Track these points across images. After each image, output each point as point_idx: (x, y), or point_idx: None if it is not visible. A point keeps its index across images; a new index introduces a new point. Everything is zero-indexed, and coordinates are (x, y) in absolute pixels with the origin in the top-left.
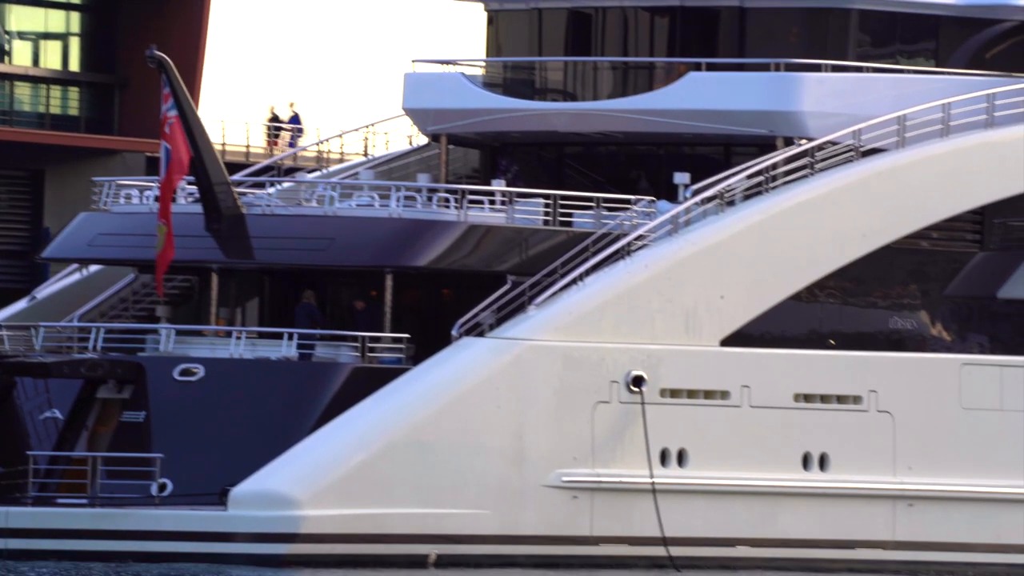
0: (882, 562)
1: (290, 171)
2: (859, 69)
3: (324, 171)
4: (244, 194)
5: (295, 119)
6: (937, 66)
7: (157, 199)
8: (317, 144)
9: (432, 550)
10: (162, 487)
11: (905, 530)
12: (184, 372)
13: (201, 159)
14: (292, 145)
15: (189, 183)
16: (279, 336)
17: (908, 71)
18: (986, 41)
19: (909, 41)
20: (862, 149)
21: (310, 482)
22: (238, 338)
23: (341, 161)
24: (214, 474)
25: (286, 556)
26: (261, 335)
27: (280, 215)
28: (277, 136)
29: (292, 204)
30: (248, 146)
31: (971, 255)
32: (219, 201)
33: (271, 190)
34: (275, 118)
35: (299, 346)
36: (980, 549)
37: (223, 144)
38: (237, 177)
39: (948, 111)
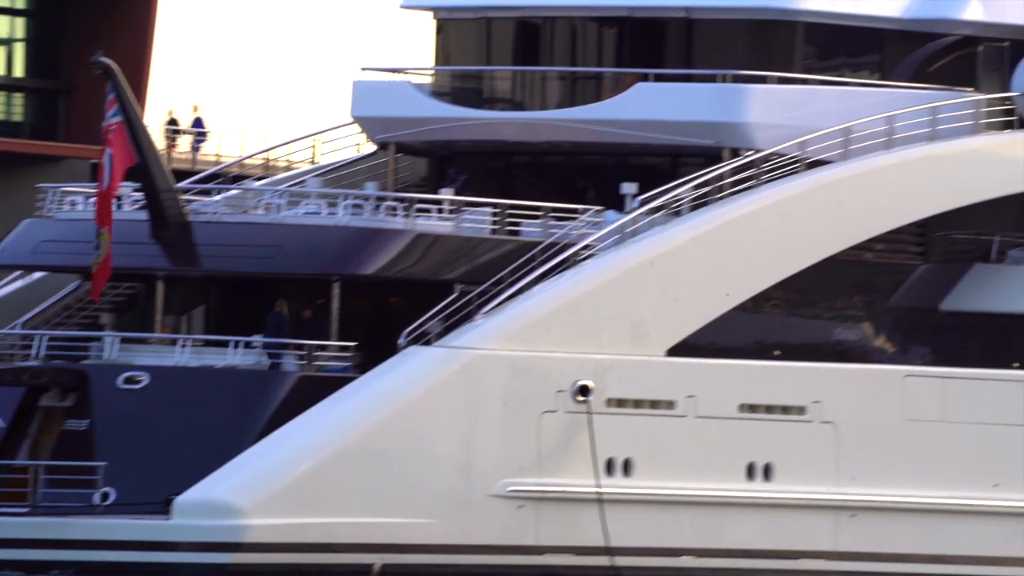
0: (825, 572)
1: (237, 178)
2: (805, 81)
3: (271, 179)
4: (190, 201)
5: (198, 123)
6: (882, 79)
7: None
8: (265, 152)
9: (377, 559)
10: (105, 496)
11: (848, 540)
12: (128, 380)
13: (147, 166)
14: (196, 150)
15: (135, 190)
16: (225, 344)
17: (853, 84)
18: (930, 55)
19: (854, 54)
20: (807, 161)
21: (255, 491)
22: (183, 346)
23: (288, 169)
24: (158, 483)
25: (231, 565)
26: (207, 343)
27: (227, 223)
28: (175, 140)
29: (239, 212)
30: (195, 153)
31: (914, 267)
32: (165, 208)
33: (218, 197)
34: (173, 122)
35: (270, 355)
36: (922, 560)
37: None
38: (183, 184)
39: (892, 124)
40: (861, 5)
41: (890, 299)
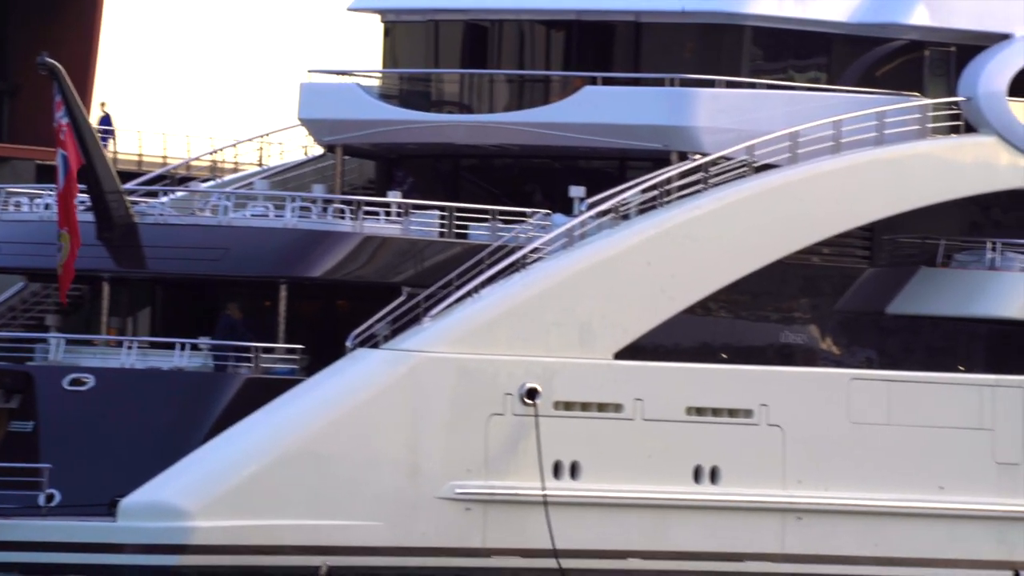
0: (771, 574)
1: (184, 180)
2: (752, 85)
3: (218, 181)
4: (137, 203)
5: (105, 120)
6: (829, 83)
7: (49, 207)
8: (212, 153)
9: (324, 562)
10: (50, 498)
11: (794, 543)
12: (74, 382)
13: (93, 167)
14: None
15: (81, 191)
16: (171, 346)
17: (801, 88)
18: (877, 59)
19: (802, 58)
20: (755, 164)
21: (201, 493)
22: (129, 348)
23: (235, 171)
24: (104, 485)
25: (176, 568)
26: (153, 345)
27: (173, 224)
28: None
29: (186, 213)
30: (141, 155)
31: (861, 271)
32: (111, 210)
33: (164, 199)
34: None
35: (216, 357)
36: (867, 562)
37: (115, 152)
38: (129, 186)
39: (839, 128)
40: (808, 9)
41: (837, 303)
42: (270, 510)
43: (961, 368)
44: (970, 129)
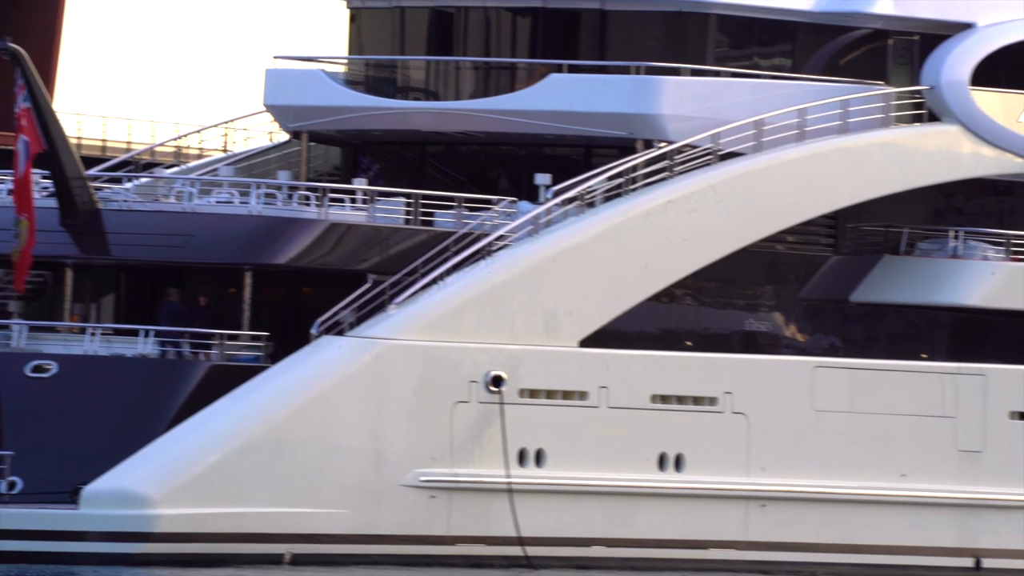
0: (734, 562)
1: (148, 166)
2: (718, 73)
3: (183, 167)
4: (100, 189)
5: None
6: (794, 71)
7: (11, 192)
8: (176, 139)
9: (288, 549)
10: (12, 485)
11: (757, 530)
12: (36, 368)
13: (56, 153)
14: None
15: (44, 177)
16: (135, 333)
17: (765, 76)
18: (841, 48)
19: (767, 45)
20: (720, 153)
21: (165, 480)
22: (93, 335)
23: (200, 157)
24: (66, 472)
25: (139, 555)
26: (117, 332)
27: (137, 211)
28: None
29: (150, 200)
30: (105, 140)
31: (825, 259)
32: (75, 196)
33: (128, 185)
34: None
35: (162, 344)
36: (830, 549)
37: (79, 138)
38: (93, 172)
39: (804, 116)
40: None
41: (801, 290)
42: (234, 498)
43: (924, 356)
44: (933, 118)
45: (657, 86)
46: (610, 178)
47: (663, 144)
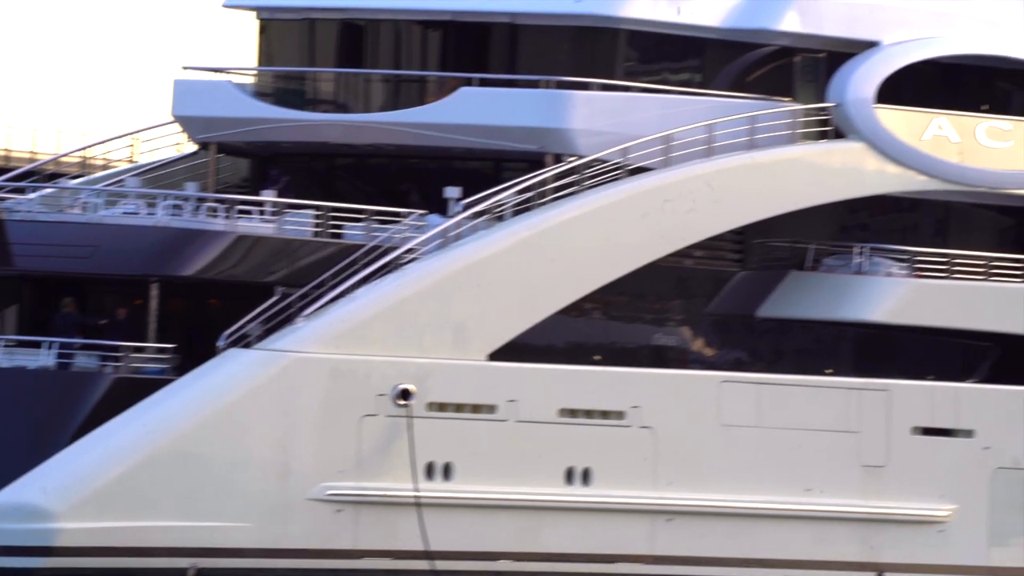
0: None
1: (53, 176)
2: (627, 88)
3: (89, 177)
4: (4, 199)
5: None
6: (703, 87)
7: None
8: (82, 149)
9: (193, 563)
10: None
11: (663, 544)
12: None
13: None
14: None
15: None
16: (38, 345)
17: (674, 91)
18: (749, 64)
19: (676, 61)
20: (629, 167)
21: (68, 494)
22: None
23: (106, 168)
24: None
25: (41, 570)
26: (19, 343)
27: (42, 221)
28: None
29: (55, 210)
30: (9, 150)
31: (732, 274)
32: None
33: (33, 196)
34: None
35: (60, 355)
36: (737, 563)
37: None
38: None
39: (712, 132)
40: (682, 14)
41: (708, 305)
42: (138, 511)
43: (829, 371)
44: (839, 135)
45: (567, 100)
46: (520, 192)
47: (573, 158)
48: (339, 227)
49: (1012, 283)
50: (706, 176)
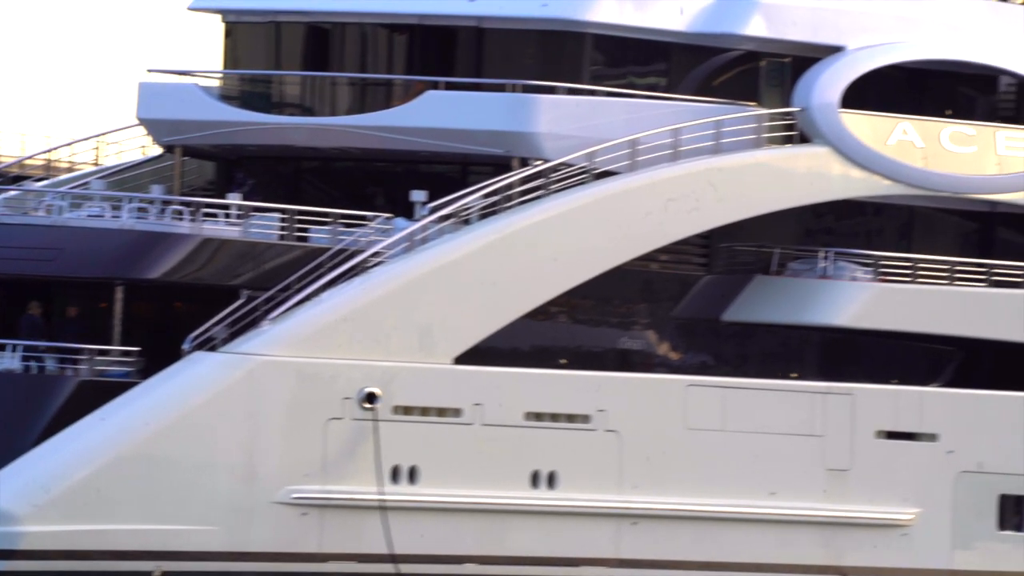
0: None
1: (17, 179)
2: (593, 92)
3: (53, 180)
4: None
5: None
6: (668, 91)
7: None
8: (46, 152)
9: (158, 566)
10: None
11: (629, 548)
12: None
13: None
14: None
15: None
16: (2, 348)
17: (640, 96)
18: (715, 68)
19: (642, 65)
20: (595, 171)
21: (31, 497)
22: None
23: (71, 170)
24: None
25: (4, 574)
26: None
27: (5, 224)
28: None
29: (19, 213)
30: None
31: (698, 278)
32: None
33: None
34: None
35: (24, 358)
36: (702, 567)
37: None
38: None
39: (678, 136)
40: (648, 18)
41: (674, 309)
42: (103, 514)
43: (794, 375)
44: (804, 139)
45: (533, 104)
46: (486, 196)
47: (539, 162)
48: (305, 230)
49: (975, 287)
50: (670, 181)
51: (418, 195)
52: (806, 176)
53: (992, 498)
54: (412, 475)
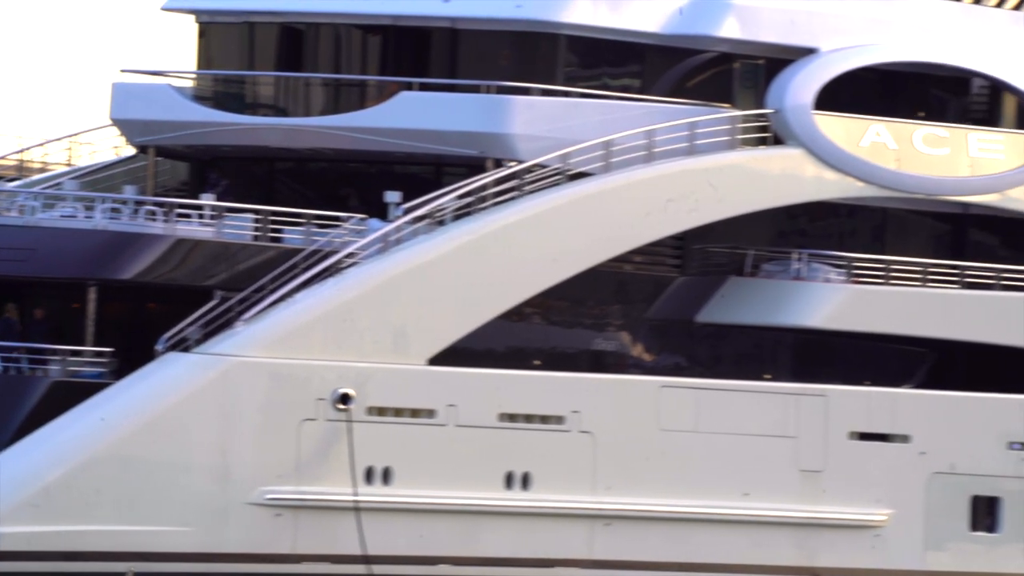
0: None
1: None
2: (567, 94)
3: (25, 180)
4: None
5: None
6: (643, 92)
7: None
8: (19, 152)
9: (131, 568)
10: None
11: (602, 549)
12: None
13: None
14: None
15: None
16: None
17: (615, 97)
18: (689, 70)
19: (616, 66)
20: (569, 172)
21: (4, 498)
22: None
23: (44, 170)
24: None
25: None
26: None
27: None
28: None
29: None
30: None
31: (672, 279)
32: None
33: None
34: None
35: (1, 359)
36: (675, 568)
37: None
38: None
39: (652, 137)
40: (622, 19)
41: (648, 310)
42: (76, 515)
43: (767, 376)
44: (778, 141)
45: (507, 105)
46: (460, 196)
47: (513, 163)
48: (279, 231)
49: (948, 289)
50: (646, 182)
51: (392, 196)
52: (779, 178)
53: (964, 499)
54: (386, 476)
